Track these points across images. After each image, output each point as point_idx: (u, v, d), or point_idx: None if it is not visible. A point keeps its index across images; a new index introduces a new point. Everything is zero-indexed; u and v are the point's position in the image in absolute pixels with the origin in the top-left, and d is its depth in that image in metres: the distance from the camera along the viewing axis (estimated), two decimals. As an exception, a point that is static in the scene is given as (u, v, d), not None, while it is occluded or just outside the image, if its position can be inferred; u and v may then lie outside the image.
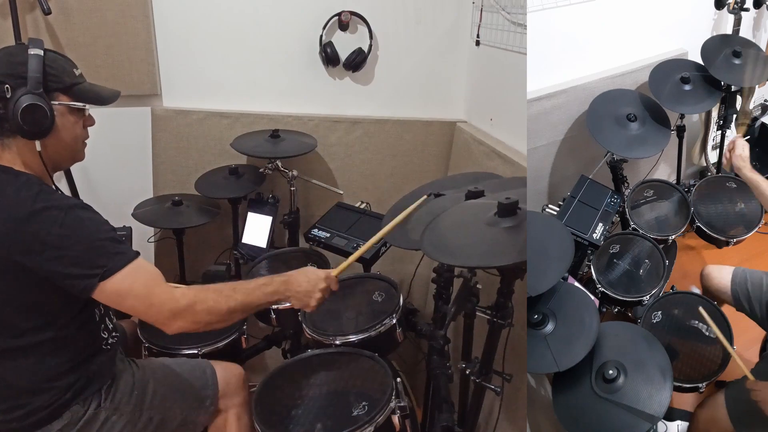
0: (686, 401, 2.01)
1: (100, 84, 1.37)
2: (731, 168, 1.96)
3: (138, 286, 1.21)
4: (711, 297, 1.92)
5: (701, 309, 1.60)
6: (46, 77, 1.24)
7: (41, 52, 1.24)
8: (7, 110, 1.21)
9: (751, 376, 1.49)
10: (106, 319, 1.40)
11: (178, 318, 1.23)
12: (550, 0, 2.15)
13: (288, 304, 1.42)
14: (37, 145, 1.25)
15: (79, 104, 1.30)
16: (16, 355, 1.25)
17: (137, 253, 1.24)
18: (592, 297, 1.80)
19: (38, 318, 1.24)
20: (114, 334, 1.43)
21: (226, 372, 1.59)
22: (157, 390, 1.45)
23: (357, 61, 2.44)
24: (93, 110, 1.36)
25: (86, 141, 1.37)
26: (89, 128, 1.38)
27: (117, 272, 1.19)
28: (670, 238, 2.21)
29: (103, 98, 1.35)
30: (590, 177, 2.19)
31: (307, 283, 1.38)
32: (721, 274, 1.91)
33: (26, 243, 1.16)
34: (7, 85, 1.20)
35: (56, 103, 1.26)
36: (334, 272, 1.44)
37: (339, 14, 2.39)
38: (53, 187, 1.31)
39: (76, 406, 1.31)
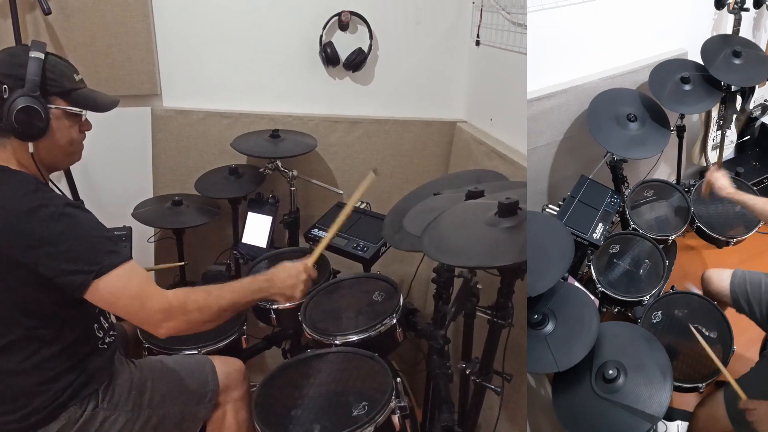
0: (686, 401, 2.01)
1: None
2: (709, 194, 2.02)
3: (132, 286, 1.22)
4: (712, 300, 1.91)
5: (693, 329, 1.63)
6: (44, 81, 1.25)
7: (42, 56, 1.25)
8: (2, 110, 1.22)
9: (743, 395, 1.47)
10: (101, 318, 1.40)
11: (170, 318, 1.23)
12: (550, 0, 2.15)
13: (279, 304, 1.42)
14: (30, 146, 1.26)
15: (76, 110, 1.32)
16: (11, 355, 1.25)
17: (130, 256, 1.24)
18: (592, 297, 1.80)
19: (33, 317, 1.24)
20: (111, 333, 1.43)
21: (227, 366, 1.59)
22: (155, 389, 1.45)
23: (357, 61, 2.44)
24: (93, 112, 1.36)
25: (83, 143, 1.38)
26: (87, 131, 1.38)
27: (112, 270, 1.20)
28: (670, 238, 2.21)
29: (100, 105, 1.36)
30: (590, 177, 2.19)
31: (289, 278, 1.44)
32: (721, 277, 1.91)
33: (23, 239, 1.17)
34: (5, 86, 1.22)
35: (53, 106, 1.27)
36: (309, 261, 1.50)
37: (339, 14, 2.39)
38: (50, 186, 1.32)
39: (73, 407, 1.31)
